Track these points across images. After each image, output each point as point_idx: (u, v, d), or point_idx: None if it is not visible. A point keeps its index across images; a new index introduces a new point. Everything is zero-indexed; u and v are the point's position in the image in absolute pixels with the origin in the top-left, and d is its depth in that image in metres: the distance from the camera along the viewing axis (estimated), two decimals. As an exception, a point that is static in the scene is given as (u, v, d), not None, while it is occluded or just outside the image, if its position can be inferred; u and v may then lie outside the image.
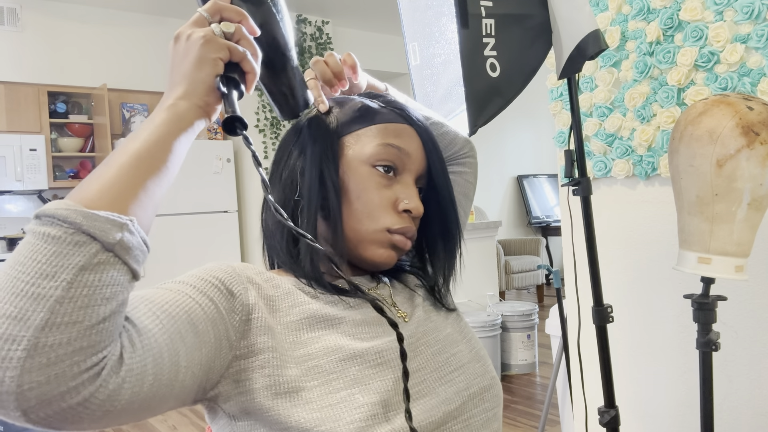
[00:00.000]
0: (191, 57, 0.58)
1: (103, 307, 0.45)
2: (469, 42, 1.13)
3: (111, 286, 0.46)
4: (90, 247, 0.45)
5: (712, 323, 1.09)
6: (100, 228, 0.46)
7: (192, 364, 0.54)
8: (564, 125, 1.75)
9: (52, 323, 0.42)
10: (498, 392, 0.73)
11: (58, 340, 0.42)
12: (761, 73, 1.29)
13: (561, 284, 2.23)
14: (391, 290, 0.77)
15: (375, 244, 0.71)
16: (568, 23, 1.16)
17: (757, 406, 1.38)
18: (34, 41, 4.26)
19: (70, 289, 0.43)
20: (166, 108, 0.56)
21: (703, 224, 1.02)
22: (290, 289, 0.68)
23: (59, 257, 0.44)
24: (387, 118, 0.74)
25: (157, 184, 0.53)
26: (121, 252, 0.47)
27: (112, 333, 0.46)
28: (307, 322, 0.65)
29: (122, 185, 0.50)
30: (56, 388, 0.42)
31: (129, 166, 0.51)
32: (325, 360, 0.62)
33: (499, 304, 3.71)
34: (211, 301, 0.59)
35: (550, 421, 2.71)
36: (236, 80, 0.60)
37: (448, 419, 0.64)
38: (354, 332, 0.65)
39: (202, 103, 0.58)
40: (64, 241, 0.44)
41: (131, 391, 0.47)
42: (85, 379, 0.44)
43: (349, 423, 0.57)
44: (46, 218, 0.45)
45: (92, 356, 0.44)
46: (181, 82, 0.58)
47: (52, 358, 0.42)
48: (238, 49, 0.59)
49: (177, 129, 0.55)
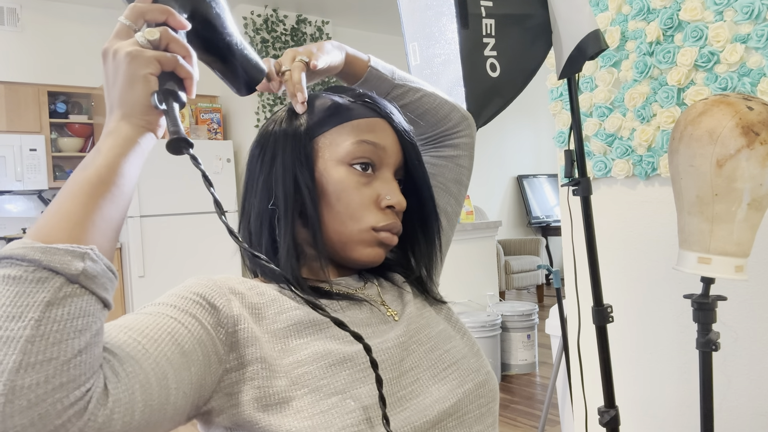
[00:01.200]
0: (121, 77, 0.54)
1: (77, 340, 0.44)
2: (469, 42, 1.13)
3: (82, 318, 0.44)
4: (53, 281, 0.44)
5: (711, 323, 1.09)
6: (60, 261, 0.44)
7: (182, 384, 0.54)
8: (564, 125, 1.75)
9: (26, 364, 0.41)
10: (493, 387, 0.72)
11: (36, 380, 0.41)
12: (761, 73, 1.29)
13: (561, 284, 2.23)
14: (379, 289, 0.76)
15: (361, 244, 0.70)
16: (568, 23, 1.16)
17: (756, 406, 1.38)
18: (34, 41, 4.26)
19: (39, 326, 0.42)
20: (108, 133, 0.54)
21: (703, 224, 1.02)
22: (275, 295, 0.67)
23: (23, 297, 0.43)
24: (358, 114, 0.72)
25: (114, 208, 0.51)
26: (86, 282, 0.45)
27: (92, 365, 0.45)
28: (294, 328, 0.64)
29: (78, 215, 0.48)
30: (42, 429, 0.41)
31: (82, 195, 0.49)
32: (314, 366, 0.61)
33: (499, 304, 3.71)
34: (195, 318, 0.58)
35: (550, 421, 2.71)
36: (174, 91, 0.56)
37: (443, 417, 0.64)
38: (342, 335, 0.65)
39: (143, 122, 0.55)
40: (25, 280, 0.43)
41: (122, 422, 0.46)
42: (71, 415, 0.43)
43: (341, 429, 0.57)
44: (4, 261, 0.44)
45: (74, 391, 0.43)
46: (118, 105, 0.55)
47: (32, 399, 0.41)
48: (167, 57, 0.55)
49: (124, 151, 0.53)
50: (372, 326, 0.69)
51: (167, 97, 0.55)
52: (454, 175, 0.89)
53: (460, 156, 0.89)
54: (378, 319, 0.70)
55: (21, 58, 4.21)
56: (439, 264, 0.85)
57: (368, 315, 0.70)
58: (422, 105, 0.85)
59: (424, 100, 0.85)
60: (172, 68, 0.56)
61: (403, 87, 0.84)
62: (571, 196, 1.30)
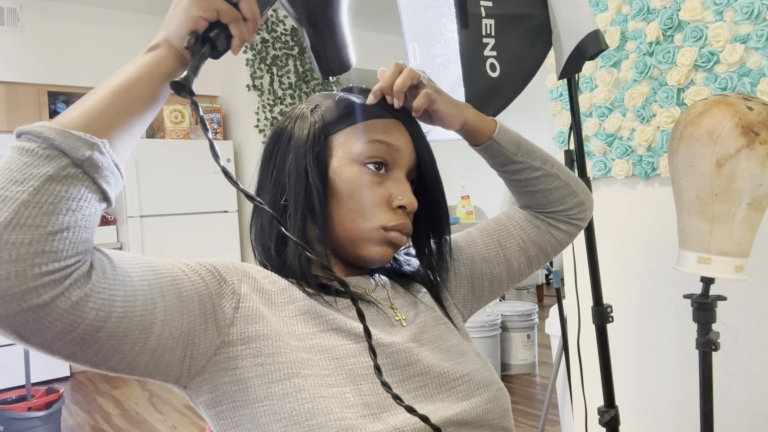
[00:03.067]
0: (181, 6, 0.58)
1: (66, 217, 0.47)
2: (469, 42, 1.13)
3: (76, 200, 0.48)
4: (60, 160, 0.48)
5: (711, 323, 1.09)
6: (71, 145, 0.48)
7: (171, 322, 0.55)
8: (564, 125, 1.75)
9: (16, 223, 0.45)
10: (503, 404, 0.71)
11: (20, 240, 0.45)
12: (761, 73, 1.29)
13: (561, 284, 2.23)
14: (389, 293, 0.75)
15: (371, 242, 0.70)
16: (568, 23, 1.16)
17: (756, 406, 1.38)
18: (34, 41, 4.26)
19: (36, 194, 0.46)
20: (148, 50, 0.58)
21: (702, 224, 1.02)
22: (286, 285, 0.68)
23: (30, 167, 0.47)
24: (374, 114, 0.73)
25: (134, 117, 0.55)
26: (89, 169, 0.49)
27: (75, 245, 0.48)
28: (303, 318, 0.65)
29: (100, 112, 0.52)
30: (17, 285, 0.44)
31: (109, 96, 0.53)
32: (318, 357, 0.61)
33: (499, 304, 3.71)
34: (201, 278, 0.60)
35: (550, 421, 2.71)
36: (211, 40, 0.58)
37: (446, 425, 0.63)
38: (348, 330, 0.65)
39: (179, 54, 0.58)
40: (36, 153, 0.47)
41: (95, 314, 0.48)
42: (46, 282, 0.45)
43: (340, 418, 0.57)
44: (24, 135, 0.49)
45: (53, 262, 0.46)
46: (165, 28, 0.58)
47: (13, 255, 0.44)
48: (228, 11, 0.58)
49: (158, 71, 0.57)
50: (377, 327, 0.69)
51: (204, 43, 0.58)
52: (540, 241, 0.86)
53: (558, 229, 0.87)
54: (384, 322, 0.70)
55: (21, 58, 4.21)
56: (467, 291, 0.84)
57: (375, 316, 0.70)
58: (536, 184, 0.83)
59: (539, 181, 0.83)
60: (227, 21, 0.59)
61: (521, 164, 0.82)
62: (571, 196, 1.30)
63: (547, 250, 0.87)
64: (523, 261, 0.86)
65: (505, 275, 0.85)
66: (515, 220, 0.87)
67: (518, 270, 0.86)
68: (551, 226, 0.86)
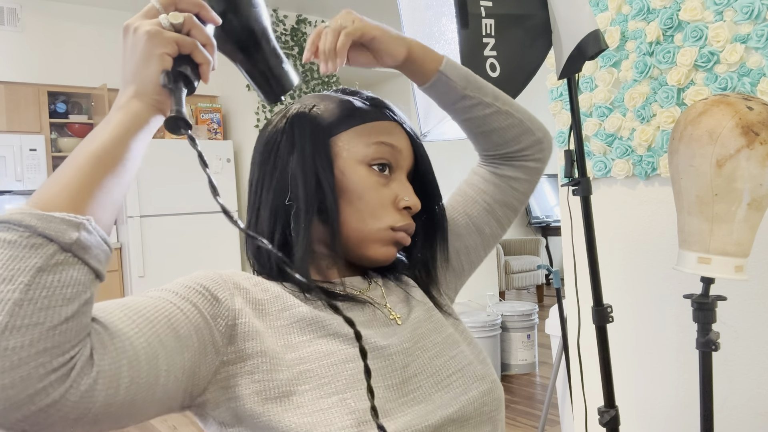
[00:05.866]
0: (138, 53, 0.55)
1: (65, 308, 0.44)
2: (469, 42, 1.13)
3: (72, 287, 0.45)
4: (47, 248, 0.44)
5: (711, 323, 1.09)
6: (55, 229, 0.45)
7: (173, 368, 0.54)
8: (564, 125, 1.75)
9: (12, 326, 0.42)
10: (498, 396, 0.72)
11: (20, 343, 0.42)
12: (761, 73, 1.29)
13: (561, 284, 2.23)
14: (383, 291, 0.76)
15: (378, 242, 0.71)
16: (568, 23, 1.16)
17: (757, 406, 1.38)
18: (34, 41, 4.26)
19: (29, 291, 0.43)
20: (120, 108, 0.55)
21: (702, 224, 1.02)
22: (279, 292, 0.67)
23: (15, 261, 0.43)
24: (375, 116, 0.74)
25: (116, 183, 0.52)
26: (79, 252, 0.46)
27: (78, 333, 0.45)
28: (297, 326, 0.64)
29: (79, 185, 0.49)
30: (23, 390, 0.42)
31: (86, 166, 0.50)
32: (317, 364, 0.61)
33: (499, 304, 3.71)
34: (195, 306, 0.58)
35: (550, 421, 2.71)
36: (185, 74, 0.57)
37: (445, 423, 0.64)
38: (344, 336, 0.65)
39: (154, 101, 0.56)
40: (19, 245, 0.44)
41: (105, 393, 0.46)
42: (54, 380, 0.43)
43: (341, 429, 0.57)
44: (1, 225, 0.45)
45: (58, 357, 0.43)
46: (132, 81, 0.56)
47: (15, 361, 0.42)
48: (186, 41, 0.56)
49: (133, 128, 0.54)
50: (374, 328, 0.69)
51: (177, 78, 0.56)
52: (504, 198, 0.85)
53: (518, 179, 0.85)
54: (380, 322, 0.70)
55: (21, 58, 4.21)
56: (448, 272, 0.85)
57: (370, 317, 0.70)
58: (489, 123, 0.81)
59: (492, 118, 0.81)
60: (189, 51, 0.57)
61: (472, 99, 0.79)
62: (571, 196, 1.30)
63: (514, 205, 0.87)
64: (494, 224, 0.86)
65: (480, 243, 0.86)
66: (475, 185, 0.86)
67: (491, 234, 0.87)
68: (510, 178, 0.85)
